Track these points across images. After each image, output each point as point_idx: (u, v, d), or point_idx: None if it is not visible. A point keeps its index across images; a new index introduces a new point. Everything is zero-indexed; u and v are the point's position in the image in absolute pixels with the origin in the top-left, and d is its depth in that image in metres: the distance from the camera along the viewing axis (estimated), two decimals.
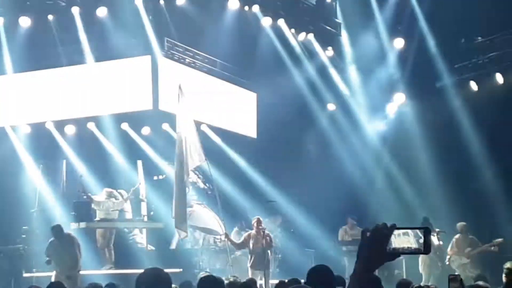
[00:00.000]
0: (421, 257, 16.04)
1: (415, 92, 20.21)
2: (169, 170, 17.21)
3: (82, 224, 16.30)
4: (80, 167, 19.07)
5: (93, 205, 16.90)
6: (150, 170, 19.49)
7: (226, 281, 8.51)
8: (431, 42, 19.11)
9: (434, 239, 15.92)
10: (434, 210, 17.91)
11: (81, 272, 14.56)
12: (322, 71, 20.83)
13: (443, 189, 18.66)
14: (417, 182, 19.55)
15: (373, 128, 21.07)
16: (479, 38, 18.97)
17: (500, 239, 15.91)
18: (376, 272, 2.72)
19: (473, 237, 16.27)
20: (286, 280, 8.97)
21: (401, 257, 2.68)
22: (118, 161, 19.86)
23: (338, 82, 21.02)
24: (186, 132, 15.01)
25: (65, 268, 14.24)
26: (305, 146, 20.94)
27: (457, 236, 16.20)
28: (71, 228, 16.36)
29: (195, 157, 14.99)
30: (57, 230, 14.42)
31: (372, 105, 20.98)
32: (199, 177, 20.01)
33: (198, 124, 19.70)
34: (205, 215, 18.59)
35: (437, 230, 16.21)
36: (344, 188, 20.30)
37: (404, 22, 19.60)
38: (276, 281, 10.78)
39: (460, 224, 16.34)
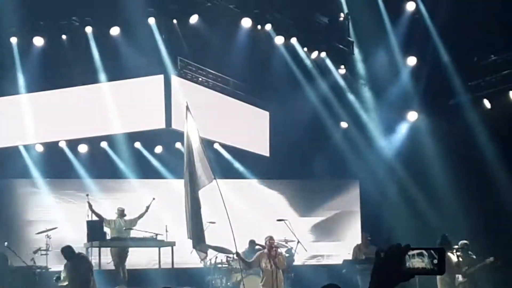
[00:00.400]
0: (439, 276, 15.94)
1: (428, 110, 20.20)
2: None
3: (95, 244, 16.29)
4: (93, 186, 19.14)
5: (104, 224, 16.92)
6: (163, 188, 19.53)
7: None
8: (444, 60, 19.09)
9: (453, 257, 15.86)
10: (451, 227, 17.79)
11: None
12: (335, 89, 20.83)
13: (460, 205, 18.59)
14: (434, 199, 19.47)
15: (387, 145, 21.03)
16: (492, 56, 18.95)
17: (491, 258, 15.80)
18: None
19: (472, 255, 16.18)
20: None
21: (415, 277, 2.66)
22: (131, 179, 19.93)
23: (351, 100, 21.01)
24: (194, 151, 15.01)
25: None
26: (318, 164, 20.91)
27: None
28: (84, 247, 16.39)
29: (203, 176, 14.97)
30: (67, 251, 14.44)
31: (386, 123, 20.97)
32: None
33: (211, 142, 19.78)
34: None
35: (455, 247, 16.14)
36: (367, 204, 20.38)
37: (417, 39, 19.59)
38: None
39: (461, 243, 16.28)
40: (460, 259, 16.12)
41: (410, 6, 19.21)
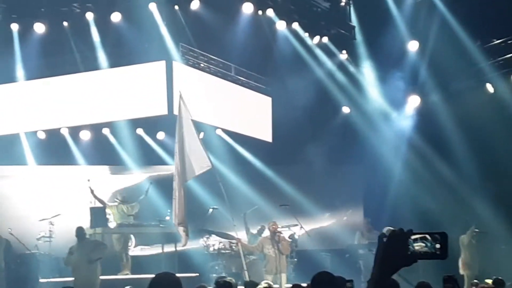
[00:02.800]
0: (460, 259, 16.30)
1: (431, 94, 20.13)
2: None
3: (98, 230, 16.32)
4: (95, 173, 19.15)
5: (107, 211, 16.92)
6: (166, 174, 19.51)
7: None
8: (446, 44, 19.01)
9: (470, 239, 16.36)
10: (458, 213, 17.79)
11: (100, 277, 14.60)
12: (337, 74, 20.78)
13: (467, 190, 18.54)
14: (440, 183, 19.37)
15: (390, 129, 20.94)
16: (494, 40, 18.89)
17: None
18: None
19: None
20: (305, 285, 8.98)
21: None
22: (133, 166, 19.92)
23: (354, 85, 20.95)
24: (186, 141, 15.04)
25: (80, 273, 14.29)
26: (319, 150, 20.88)
27: None
28: (88, 233, 16.42)
29: (194, 166, 15.03)
30: (79, 232, 14.54)
31: (389, 107, 20.89)
32: None
33: (213, 128, 19.77)
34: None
35: (475, 230, 16.48)
36: (369, 189, 20.38)
37: (420, 24, 19.52)
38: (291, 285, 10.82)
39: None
40: (473, 241, 16.55)
41: None
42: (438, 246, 2.56)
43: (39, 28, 18.25)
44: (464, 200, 18.40)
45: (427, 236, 2.58)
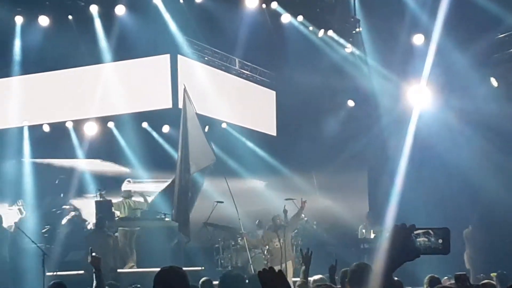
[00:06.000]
0: (465, 253, 16.46)
1: (437, 88, 20.05)
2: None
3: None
4: (99, 166, 19.18)
5: (114, 208, 16.85)
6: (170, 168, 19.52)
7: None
8: (451, 38, 18.93)
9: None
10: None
11: None
12: (341, 67, 20.73)
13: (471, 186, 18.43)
14: (448, 176, 19.28)
15: (395, 122, 20.84)
16: (499, 34, 18.81)
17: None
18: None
19: None
20: (318, 277, 9.10)
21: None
22: (138, 160, 19.92)
23: (359, 78, 20.89)
24: (190, 135, 15.05)
25: (107, 264, 14.37)
26: (324, 143, 20.85)
27: None
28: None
29: (200, 159, 15.04)
30: (100, 221, 14.66)
31: (394, 99, 20.79)
32: None
33: (218, 122, 19.76)
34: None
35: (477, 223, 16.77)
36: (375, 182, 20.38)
37: (425, 17, 19.44)
38: (296, 279, 10.80)
39: None
40: None
41: None
42: (440, 241, 2.56)
43: (44, 21, 18.25)
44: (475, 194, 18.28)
45: (430, 231, 2.57)
